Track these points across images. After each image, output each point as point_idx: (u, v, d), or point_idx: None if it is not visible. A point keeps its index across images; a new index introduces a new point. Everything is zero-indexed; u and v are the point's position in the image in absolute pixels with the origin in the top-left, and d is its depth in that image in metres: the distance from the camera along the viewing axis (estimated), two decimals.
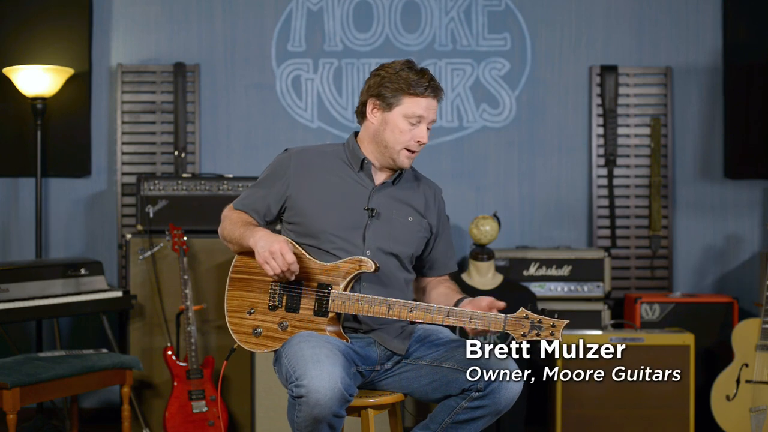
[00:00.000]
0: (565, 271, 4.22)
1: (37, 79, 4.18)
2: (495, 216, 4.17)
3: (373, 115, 2.53)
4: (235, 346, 2.51)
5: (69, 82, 4.35)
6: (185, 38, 4.60)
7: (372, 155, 2.56)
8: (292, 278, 2.41)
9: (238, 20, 4.62)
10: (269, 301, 2.47)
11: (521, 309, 2.31)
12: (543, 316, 2.29)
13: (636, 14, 4.63)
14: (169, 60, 4.58)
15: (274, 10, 4.62)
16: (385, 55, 4.54)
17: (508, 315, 2.31)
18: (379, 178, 2.58)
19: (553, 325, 2.29)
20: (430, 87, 2.50)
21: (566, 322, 2.30)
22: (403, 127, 2.49)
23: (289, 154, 2.59)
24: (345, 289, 2.42)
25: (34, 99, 4.22)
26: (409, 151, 2.51)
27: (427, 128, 2.53)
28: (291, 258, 2.36)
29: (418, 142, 2.50)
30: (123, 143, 4.55)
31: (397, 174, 2.58)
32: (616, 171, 4.57)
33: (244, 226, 2.48)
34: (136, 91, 4.56)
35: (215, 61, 4.60)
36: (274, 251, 2.35)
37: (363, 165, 2.55)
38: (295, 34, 4.62)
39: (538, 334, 2.29)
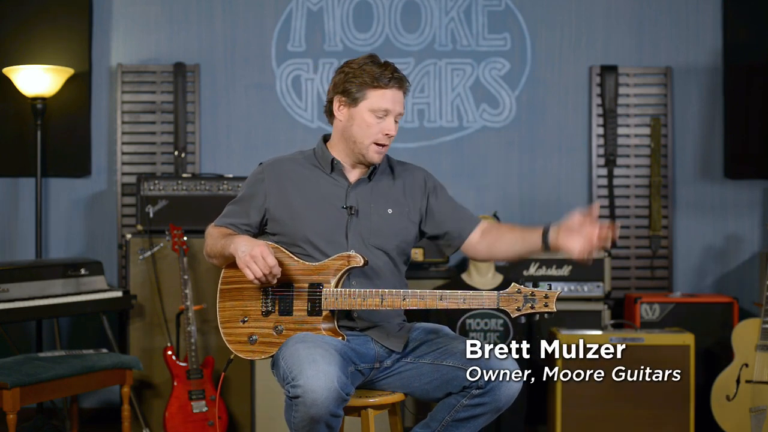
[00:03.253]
0: (565, 271, 4.21)
1: (37, 79, 4.18)
2: (495, 216, 4.17)
3: (340, 112, 2.53)
4: (231, 356, 2.49)
5: (69, 82, 4.35)
6: (185, 38, 4.60)
7: (343, 153, 2.55)
8: (274, 281, 2.40)
9: (238, 20, 4.61)
10: (262, 306, 2.46)
11: (513, 284, 2.32)
12: (535, 289, 2.30)
13: (636, 14, 4.63)
14: (169, 60, 4.57)
15: (274, 10, 4.62)
16: (386, 55, 4.44)
17: (501, 291, 2.31)
18: (353, 175, 2.57)
19: (546, 296, 2.29)
20: (394, 78, 2.48)
21: (559, 291, 2.32)
22: (370, 121, 2.48)
23: (262, 168, 2.59)
24: (336, 286, 2.42)
25: (34, 99, 4.22)
26: (378, 145, 2.50)
27: (396, 121, 2.50)
28: (272, 261, 2.35)
29: (387, 134, 2.49)
30: (123, 143, 4.55)
31: (372, 169, 2.56)
32: (616, 171, 4.57)
33: (224, 238, 2.47)
34: (136, 91, 4.56)
35: (215, 61, 4.60)
36: (255, 255, 2.34)
37: (333, 166, 2.55)
38: (295, 34, 4.62)
39: (532, 307, 2.30)
